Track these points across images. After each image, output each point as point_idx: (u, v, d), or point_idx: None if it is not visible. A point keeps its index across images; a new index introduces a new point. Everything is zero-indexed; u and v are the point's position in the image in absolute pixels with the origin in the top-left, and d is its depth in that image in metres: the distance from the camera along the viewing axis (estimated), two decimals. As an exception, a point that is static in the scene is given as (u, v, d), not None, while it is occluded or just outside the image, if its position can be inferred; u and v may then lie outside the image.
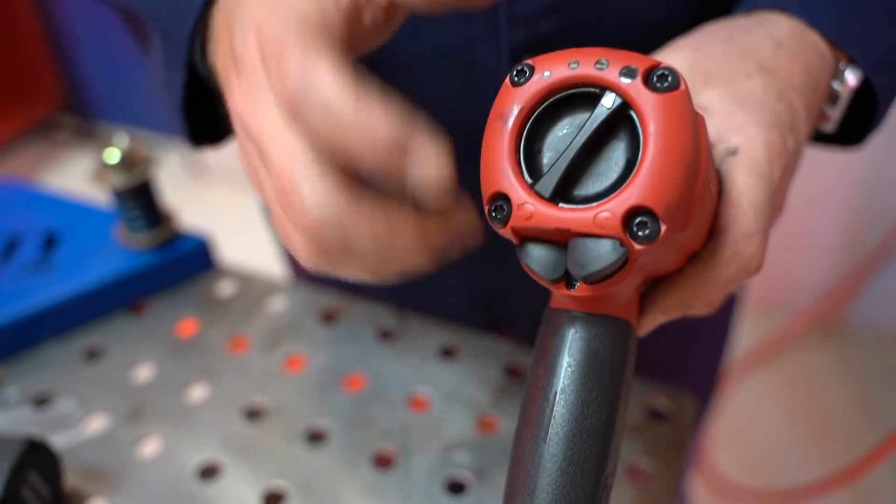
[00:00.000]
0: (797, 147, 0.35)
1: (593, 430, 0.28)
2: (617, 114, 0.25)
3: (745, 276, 0.32)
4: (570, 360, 0.29)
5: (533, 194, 0.26)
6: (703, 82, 0.35)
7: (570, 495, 0.28)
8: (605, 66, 0.25)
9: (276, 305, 0.62)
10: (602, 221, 0.25)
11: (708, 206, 0.30)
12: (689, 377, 0.66)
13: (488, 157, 0.27)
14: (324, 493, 0.47)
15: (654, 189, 0.24)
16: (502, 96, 0.27)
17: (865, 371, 1.74)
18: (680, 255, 0.31)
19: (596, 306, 0.29)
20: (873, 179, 1.61)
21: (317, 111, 0.25)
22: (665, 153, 0.24)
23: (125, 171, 0.57)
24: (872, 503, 1.48)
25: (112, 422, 0.52)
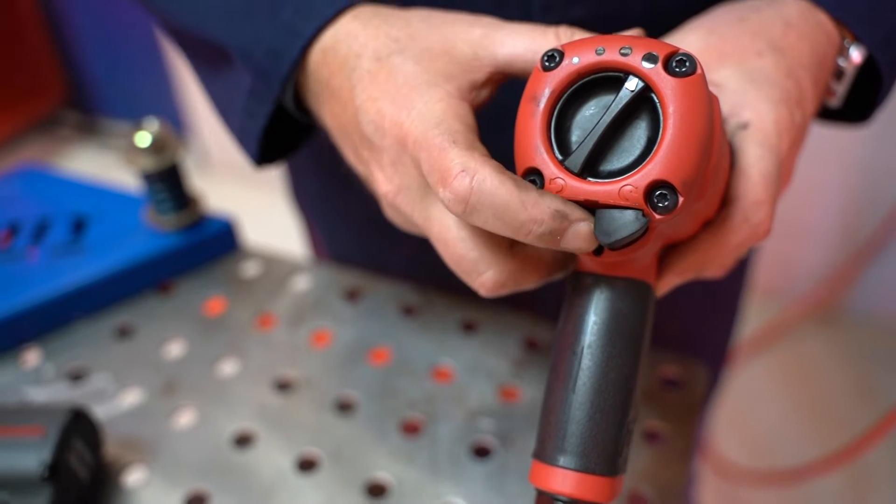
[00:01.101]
0: (804, 121, 0.37)
1: (617, 380, 0.32)
2: (639, 96, 0.28)
3: (754, 240, 0.35)
4: (595, 318, 0.32)
5: (563, 169, 0.29)
6: (718, 61, 0.37)
7: (596, 439, 0.31)
8: (629, 52, 0.28)
9: (300, 284, 0.64)
10: (626, 194, 0.28)
11: (721, 177, 0.33)
12: (699, 354, 0.68)
13: (522, 136, 0.30)
14: (355, 459, 0.49)
15: (673, 165, 0.27)
16: (534, 80, 0.30)
17: (863, 356, 1.76)
18: (695, 222, 0.34)
19: (619, 270, 0.32)
20: (871, 167, 1.63)
21: (486, 209, 0.29)
22: (683, 132, 0.27)
23: (155, 154, 0.59)
24: (869, 483, 1.50)
25: (147, 395, 0.54)
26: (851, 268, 1.76)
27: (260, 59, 0.38)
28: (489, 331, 0.58)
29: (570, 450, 0.31)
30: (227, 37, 0.40)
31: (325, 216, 0.68)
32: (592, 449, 0.31)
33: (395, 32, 0.35)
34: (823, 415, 1.63)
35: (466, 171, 0.29)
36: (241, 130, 0.43)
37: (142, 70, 2.40)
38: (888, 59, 0.40)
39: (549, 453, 0.32)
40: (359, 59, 0.35)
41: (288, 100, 0.40)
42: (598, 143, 0.28)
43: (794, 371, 1.74)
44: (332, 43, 0.37)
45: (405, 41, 0.35)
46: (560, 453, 0.31)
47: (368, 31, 0.36)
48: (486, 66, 0.34)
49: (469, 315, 0.60)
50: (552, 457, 0.32)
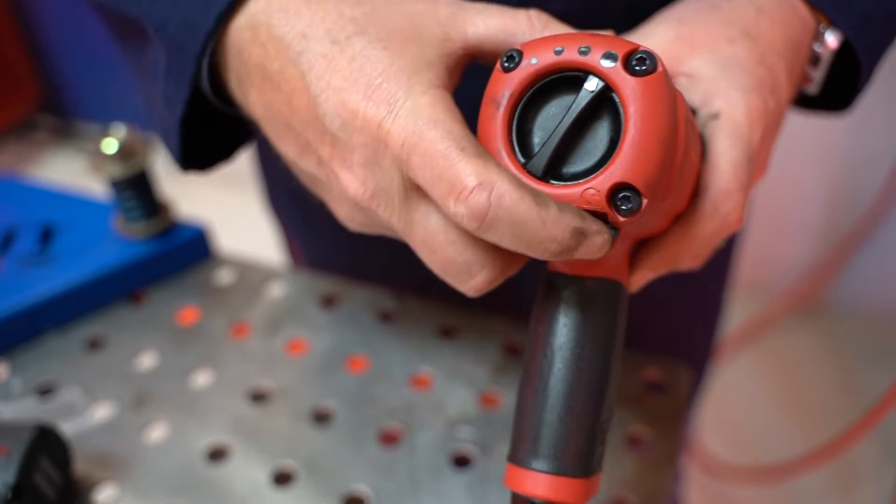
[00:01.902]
0: (778, 108, 0.37)
1: (588, 382, 0.31)
2: (600, 96, 0.27)
3: (725, 231, 0.34)
4: (565, 320, 0.32)
5: (525, 173, 0.28)
6: (689, 51, 0.36)
7: (568, 441, 0.31)
8: (587, 51, 0.27)
9: (276, 291, 0.62)
10: (589, 197, 0.27)
11: (689, 171, 0.32)
12: (682, 354, 0.68)
13: (483, 139, 0.29)
14: (332, 471, 0.48)
15: (635, 166, 0.27)
16: (493, 81, 0.29)
17: (847, 349, 1.77)
18: (665, 217, 0.34)
19: (588, 269, 0.32)
20: (852, 161, 1.63)
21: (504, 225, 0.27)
22: (645, 132, 0.27)
23: (122, 161, 0.57)
24: (856, 477, 1.51)
25: (118, 409, 0.53)
26: (834, 261, 1.77)
27: (174, 32, 0.34)
28: (468, 336, 0.57)
29: (543, 452, 0.31)
30: (144, 9, 0.36)
31: (301, 220, 0.67)
32: (565, 451, 0.31)
33: (348, 11, 0.31)
34: (808, 409, 1.64)
35: (483, 184, 0.27)
36: (162, 123, 0.38)
37: (118, 73, 2.37)
38: (865, 44, 0.40)
39: (522, 456, 0.32)
40: (306, 41, 0.31)
41: (203, 80, 0.36)
42: (559, 146, 0.28)
43: (779, 365, 1.75)
44: (264, 18, 0.32)
45: (363, 21, 0.31)
46: (533, 456, 0.31)
47: (313, 6, 0.32)
48: (458, 47, 0.32)
49: (447, 321, 0.58)
50: (525, 460, 0.31)
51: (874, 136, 1.57)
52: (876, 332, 1.79)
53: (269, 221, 0.76)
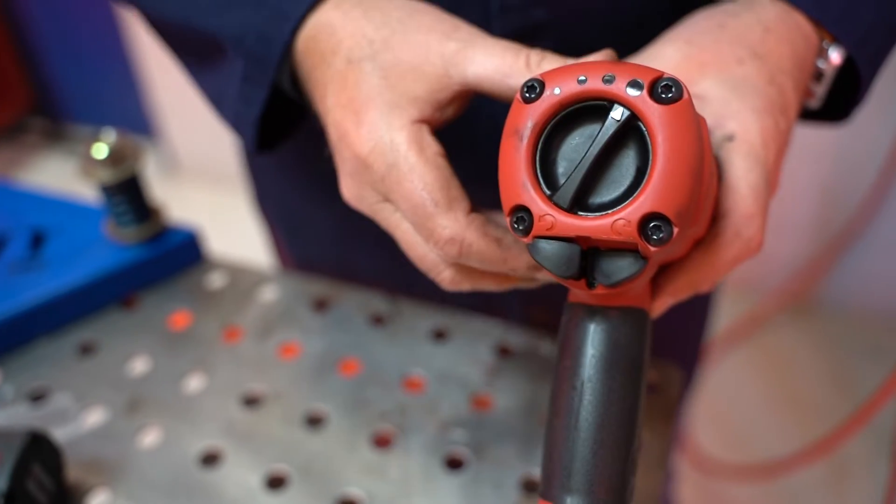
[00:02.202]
0: (788, 127, 0.37)
1: (619, 413, 0.31)
2: (626, 125, 0.27)
3: (747, 255, 0.35)
4: (593, 352, 0.31)
5: (552, 205, 0.28)
6: (699, 72, 0.36)
7: (602, 475, 0.30)
8: (612, 79, 0.27)
9: (267, 295, 0.62)
10: (619, 228, 0.27)
11: (711, 195, 0.32)
12: (672, 354, 0.68)
13: (507, 171, 0.29)
14: (325, 474, 0.48)
15: (665, 195, 0.26)
16: (515, 112, 0.29)
17: (838, 346, 1.78)
18: (687, 243, 0.34)
19: (613, 300, 0.31)
20: (842, 159, 1.64)
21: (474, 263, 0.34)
22: (673, 161, 0.26)
23: (113, 166, 0.57)
24: (848, 473, 1.51)
25: (110, 414, 0.53)
26: (825, 259, 1.78)
27: (251, 45, 0.38)
28: (460, 338, 0.57)
29: (576, 488, 0.30)
30: (216, 26, 0.40)
31: (289, 223, 0.67)
32: (599, 485, 0.30)
33: (371, 32, 0.35)
34: (800, 406, 1.65)
35: (454, 238, 0.33)
36: (237, 118, 0.43)
37: (108, 75, 2.36)
38: (866, 59, 0.40)
39: (555, 493, 0.31)
40: (334, 57, 0.35)
41: (286, 83, 0.40)
42: (586, 176, 0.27)
43: (771, 363, 1.75)
44: (314, 33, 0.36)
45: (379, 45, 0.34)
46: (566, 492, 0.31)
47: (347, 25, 0.35)
48: (454, 83, 0.34)
49: (440, 323, 0.59)
50: (559, 497, 0.31)
51: (865, 135, 1.58)
52: (867, 329, 1.79)
53: (258, 224, 0.76)
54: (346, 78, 0.35)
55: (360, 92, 0.34)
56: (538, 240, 0.28)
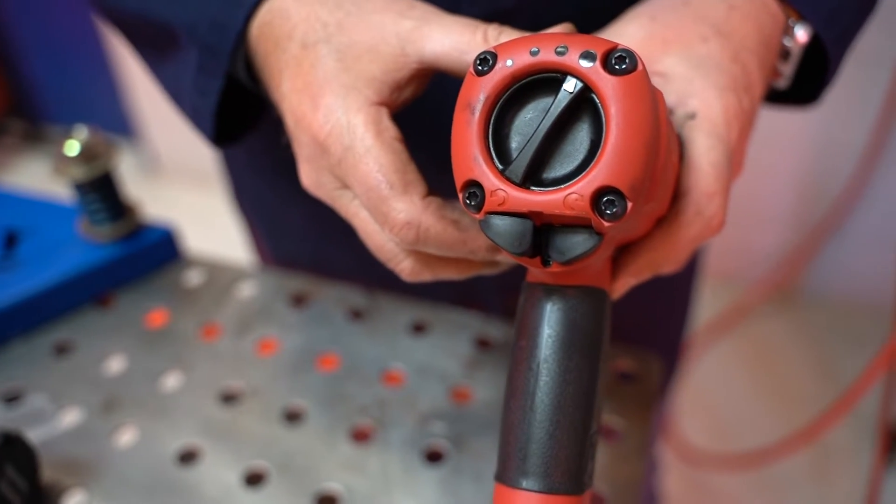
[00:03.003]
0: (752, 106, 0.36)
1: (576, 394, 0.30)
2: (579, 97, 0.26)
3: (708, 233, 0.34)
4: (549, 332, 0.30)
5: (504, 180, 0.27)
6: (662, 49, 0.36)
7: (558, 457, 0.30)
8: (565, 51, 0.26)
9: (246, 291, 0.62)
10: (572, 202, 0.26)
11: (670, 173, 0.31)
12: (654, 343, 0.68)
13: (459, 146, 0.28)
14: (304, 471, 0.48)
15: (618, 169, 0.25)
16: (467, 86, 0.28)
17: (821, 335, 1.79)
18: (647, 221, 0.33)
19: (570, 278, 0.31)
20: (821, 150, 1.65)
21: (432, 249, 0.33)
22: (627, 134, 0.25)
23: (85, 163, 0.57)
24: (834, 461, 1.53)
25: (86, 414, 0.52)
26: (807, 249, 1.79)
27: (205, 34, 0.38)
28: (439, 331, 0.57)
29: (533, 471, 0.30)
30: (170, 15, 0.39)
31: (267, 219, 0.66)
32: (555, 468, 0.30)
33: (325, 15, 0.34)
34: (785, 395, 1.66)
35: (411, 223, 0.32)
36: (195, 110, 0.42)
37: (87, 75, 2.34)
38: (834, 38, 0.40)
39: (511, 475, 0.30)
40: (289, 42, 0.35)
41: (241, 72, 0.39)
42: (538, 150, 0.27)
43: (755, 353, 1.76)
44: (268, 18, 0.36)
45: (334, 28, 0.34)
46: (522, 475, 0.30)
47: (301, 9, 0.35)
48: (411, 62, 0.33)
49: (419, 316, 0.58)
50: (514, 479, 0.30)
51: (843, 125, 1.59)
52: (849, 318, 1.81)
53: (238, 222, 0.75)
54: (302, 62, 0.34)
55: (316, 75, 0.33)
56: (490, 215, 0.28)
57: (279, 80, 0.35)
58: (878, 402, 1.49)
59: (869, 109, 1.54)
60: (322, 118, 0.33)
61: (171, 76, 0.43)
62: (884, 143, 1.57)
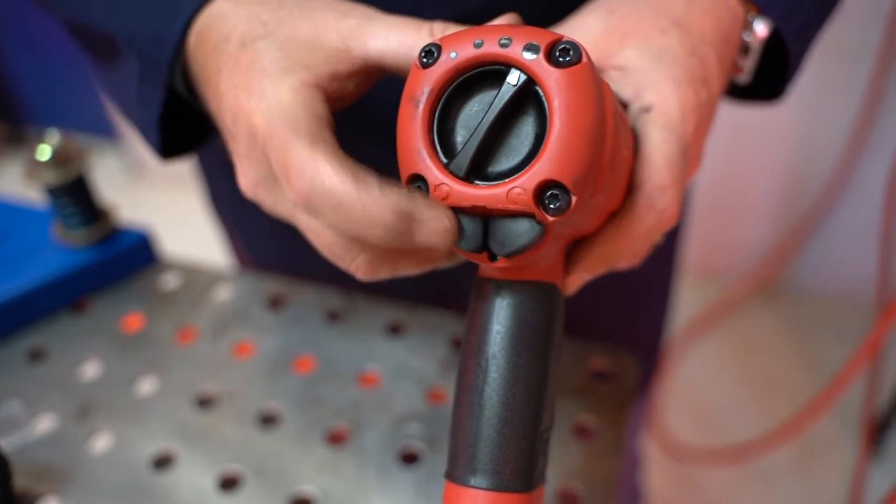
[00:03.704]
0: (710, 100, 0.36)
1: (525, 391, 0.30)
2: (523, 90, 0.26)
3: (661, 227, 0.34)
4: (498, 328, 0.30)
5: (448, 174, 0.27)
6: (620, 42, 0.36)
7: (507, 455, 0.30)
8: (508, 43, 0.26)
9: (222, 295, 0.62)
10: (515, 197, 0.26)
11: (621, 167, 0.31)
12: (632, 341, 0.68)
13: (403, 140, 0.28)
14: (279, 474, 0.48)
15: (562, 163, 0.25)
16: (412, 78, 0.28)
17: (806, 329, 1.80)
18: (599, 215, 0.33)
19: (520, 273, 0.30)
20: (803, 145, 1.66)
21: (326, 209, 0.28)
22: (571, 126, 0.25)
23: (58, 167, 0.56)
24: (819, 454, 1.54)
25: (60, 421, 0.52)
26: (790, 244, 1.80)
27: (144, 45, 0.37)
28: (416, 332, 0.57)
29: (482, 468, 0.29)
30: (111, 24, 0.38)
31: (244, 224, 0.66)
32: (504, 465, 0.29)
33: (265, 15, 0.34)
34: (770, 389, 1.67)
35: (305, 168, 0.28)
36: (140, 122, 0.41)
37: (70, 77, 2.33)
38: (793, 31, 0.40)
39: (460, 473, 0.30)
40: (227, 43, 0.34)
41: (179, 83, 0.38)
42: (482, 143, 0.26)
43: (741, 348, 1.77)
44: (207, 23, 0.35)
45: (273, 26, 0.33)
46: (471, 473, 0.30)
47: (240, 11, 0.34)
48: (355, 57, 0.33)
49: (395, 317, 0.58)
50: (463, 477, 0.30)
51: (825, 120, 1.60)
52: (833, 312, 1.82)
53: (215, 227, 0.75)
54: (240, 60, 0.33)
55: (254, 69, 0.32)
56: None
57: (217, 81, 0.34)
58: (861, 394, 1.50)
59: (850, 105, 1.55)
60: (255, 103, 0.31)
61: (118, 86, 0.43)
62: (865, 138, 1.58)
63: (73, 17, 0.41)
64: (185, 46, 0.36)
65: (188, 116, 0.42)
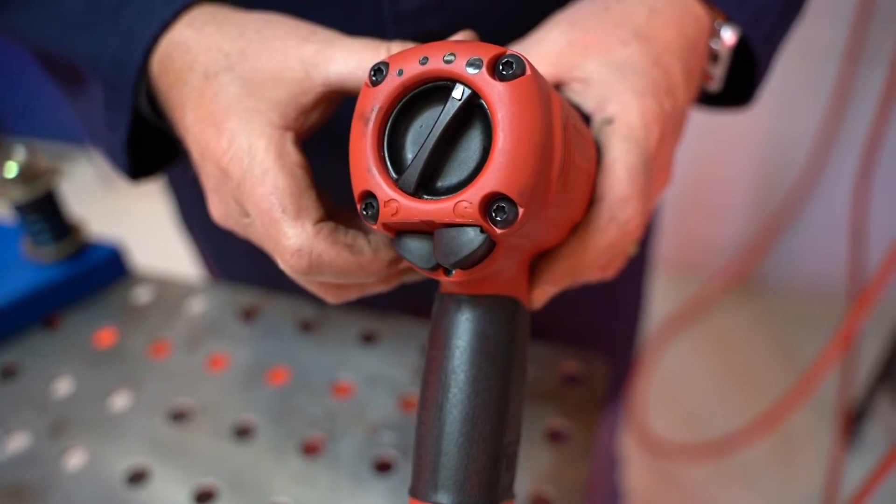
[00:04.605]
0: (675, 109, 0.36)
1: (485, 406, 0.30)
2: (469, 104, 0.26)
3: (624, 239, 0.34)
4: (457, 342, 0.30)
5: (398, 190, 0.27)
6: (582, 55, 0.36)
7: (468, 470, 0.30)
8: (452, 59, 0.26)
9: (195, 307, 0.62)
10: (462, 210, 0.26)
11: (578, 179, 0.31)
12: (607, 342, 0.69)
13: (355, 157, 0.28)
14: (254, 486, 0.48)
15: (507, 175, 0.25)
16: (362, 97, 0.28)
17: (780, 324, 1.82)
18: (559, 228, 0.33)
19: (480, 287, 0.31)
20: (774, 142, 1.68)
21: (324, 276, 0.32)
22: (515, 139, 0.26)
23: (25, 184, 0.56)
24: (796, 447, 1.56)
25: (33, 438, 0.52)
26: (763, 239, 1.82)
27: (106, 70, 0.37)
28: (389, 341, 0.57)
29: (444, 484, 0.29)
30: (74, 50, 0.38)
31: (213, 241, 0.66)
32: (465, 481, 0.29)
33: (226, 46, 0.34)
34: (747, 383, 1.68)
35: (301, 251, 0.31)
36: (108, 145, 0.41)
37: (45, 86, 2.30)
38: (761, 37, 0.40)
39: (423, 489, 0.30)
40: (190, 74, 0.34)
41: (143, 107, 0.39)
42: (430, 159, 0.27)
43: (718, 343, 1.79)
44: (168, 52, 0.35)
45: (236, 57, 0.34)
46: (433, 489, 0.30)
47: (201, 41, 0.34)
48: (317, 85, 0.33)
49: (368, 326, 0.59)
50: (426, 493, 0.30)
51: (795, 118, 1.62)
52: (807, 305, 1.84)
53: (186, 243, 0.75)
54: (204, 93, 0.34)
55: (219, 104, 0.33)
56: (402, 236, 0.28)
57: (182, 112, 0.35)
58: (836, 385, 1.52)
59: (818, 102, 1.57)
60: (225, 144, 0.32)
61: (85, 110, 0.43)
62: (834, 135, 1.60)
63: (37, 44, 0.41)
64: (149, 72, 0.37)
65: (155, 137, 0.42)
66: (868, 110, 1.48)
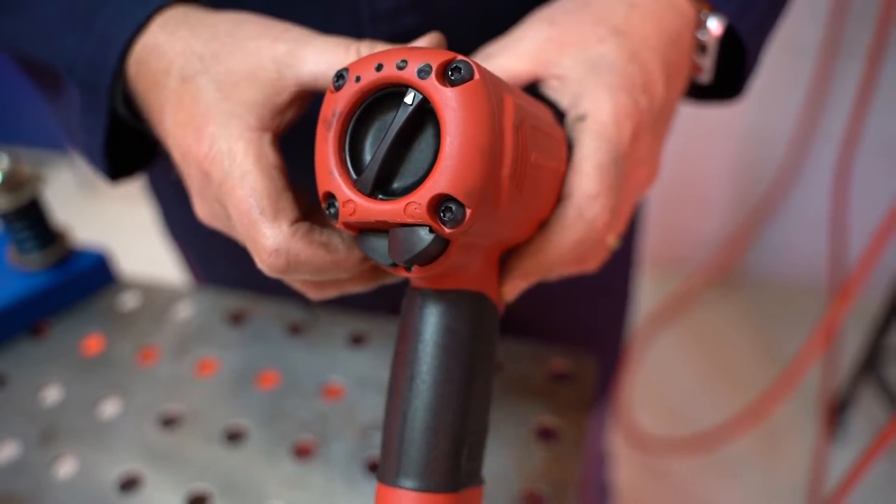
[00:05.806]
0: (653, 105, 0.36)
1: (447, 397, 0.31)
2: (421, 109, 0.28)
3: (592, 236, 0.34)
4: (423, 336, 0.32)
5: (356, 191, 0.29)
6: (559, 52, 0.36)
7: (430, 456, 0.31)
8: (405, 65, 0.28)
9: (183, 312, 0.62)
10: (412, 211, 0.27)
11: (540, 178, 0.32)
12: (595, 339, 0.69)
13: (318, 160, 0.30)
14: (247, 490, 0.48)
15: (453, 177, 0.27)
16: (325, 102, 0.30)
17: (763, 317, 1.84)
18: (524, 224, 0.34)
19: (445, 283, 0.32)
20: (754, 136, 1.70)
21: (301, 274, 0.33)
22: (461, 142, 0.27)
23: (8, 192, 0.56)
24: (781, 440, 1.57)
25: (22, 447, 0.51)
26: (745, 234, 1.84)
27: (82, 73, 0.37)
28: (377, 342, 0.57)
29: (409, 471, 0.31)
30: (51, 55, 0.39)
31: (197, 245, 0.65)
32: (427, 467, 0.31)
33: (199, 48, 0.34)
34: (732, 377, 1.70)
35: (279, 250, 0.32)
36: (86, 147, 0.41)
37: (26, 92, 2.28)
38: (749, 28, 0.40)
39: (389, 475, 0.32)
40: (167, 77, 0.35)
41: (121, 109, 0.39)
42: (385, 161, 0.28)
43: (702, 337, 1.80)
44: (143, 55, 0.36)
45: (210, 60, 0.34)
46: (398, 474, 0.31)
47: (175, 44, 0.35)
48: (290, 85, 0.34)
49: (356, 327, 0.59)
50: (393, 478, 0.31)
51: (774, 113, 1.64)
52: (789, 299, 1.86)
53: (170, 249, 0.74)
54: (182, 96, 0.34)
55: (198, 107, 0.34)
56: (363, 233, 0.30)
57: (161, 116, 0.35)
58: (819, 378, 1.54)
59: (797, 97, 1.59)
60: (206, 147, 0.33)
61: (63, 113, 0.43)
62: (813, 129, 1.62)
63: (14, 49, 0.41)
64: (125, 75, 0.37)
65: (133, 139, 0.42)
66: (846, 105, 1.50)
